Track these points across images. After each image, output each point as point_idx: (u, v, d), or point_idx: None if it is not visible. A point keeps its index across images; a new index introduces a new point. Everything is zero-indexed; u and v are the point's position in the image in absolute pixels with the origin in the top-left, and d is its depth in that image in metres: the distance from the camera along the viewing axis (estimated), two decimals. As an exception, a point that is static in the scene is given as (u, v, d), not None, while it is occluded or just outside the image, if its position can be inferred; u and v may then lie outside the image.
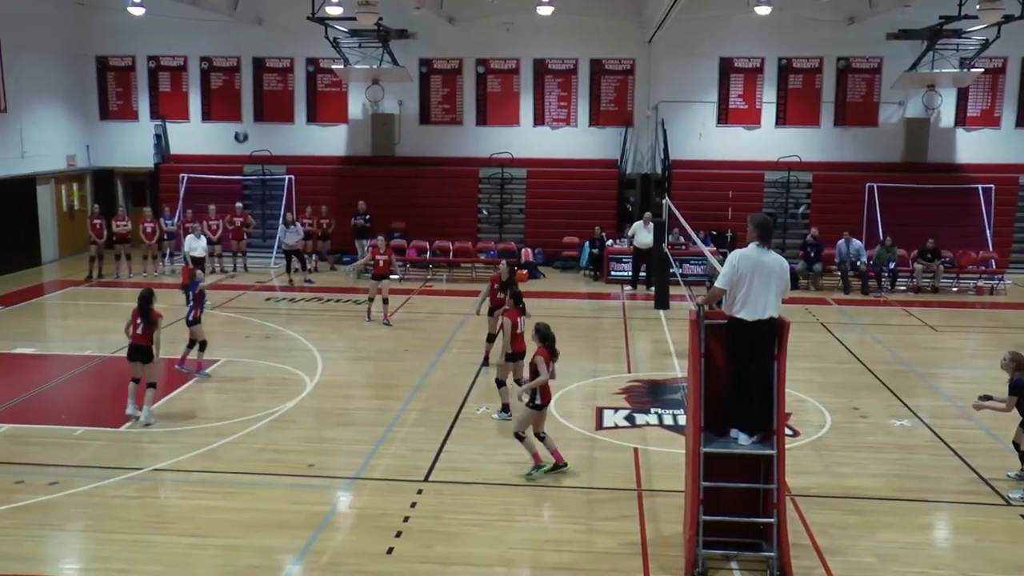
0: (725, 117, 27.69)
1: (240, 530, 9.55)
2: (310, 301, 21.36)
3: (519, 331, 12.51)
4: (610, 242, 24.86)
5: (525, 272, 24.34)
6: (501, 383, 13.03)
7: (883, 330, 18.97)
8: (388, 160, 28.13)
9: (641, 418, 13.29)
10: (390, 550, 9.14)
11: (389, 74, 26.36)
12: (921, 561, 9.04)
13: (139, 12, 25.25)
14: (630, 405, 13.85)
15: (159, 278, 23.76)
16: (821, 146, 27.40)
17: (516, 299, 12.73)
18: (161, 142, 28.35)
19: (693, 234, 19.89)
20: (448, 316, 19.81)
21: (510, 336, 12.42)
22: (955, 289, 23.53)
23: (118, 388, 14.25)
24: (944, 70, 25.13)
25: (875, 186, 25.88)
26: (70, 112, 28.14)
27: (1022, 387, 10.45)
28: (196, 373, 15.04)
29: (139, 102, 29.03)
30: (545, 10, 24.89)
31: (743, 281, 8.52)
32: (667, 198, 22.37)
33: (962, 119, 27.15)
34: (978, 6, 20.54)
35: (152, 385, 12.93)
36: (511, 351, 12.55)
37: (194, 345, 15.07)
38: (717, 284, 8.74)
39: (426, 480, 10.92)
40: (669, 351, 17.12)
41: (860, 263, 23.16)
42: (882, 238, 23.87)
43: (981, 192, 25.75)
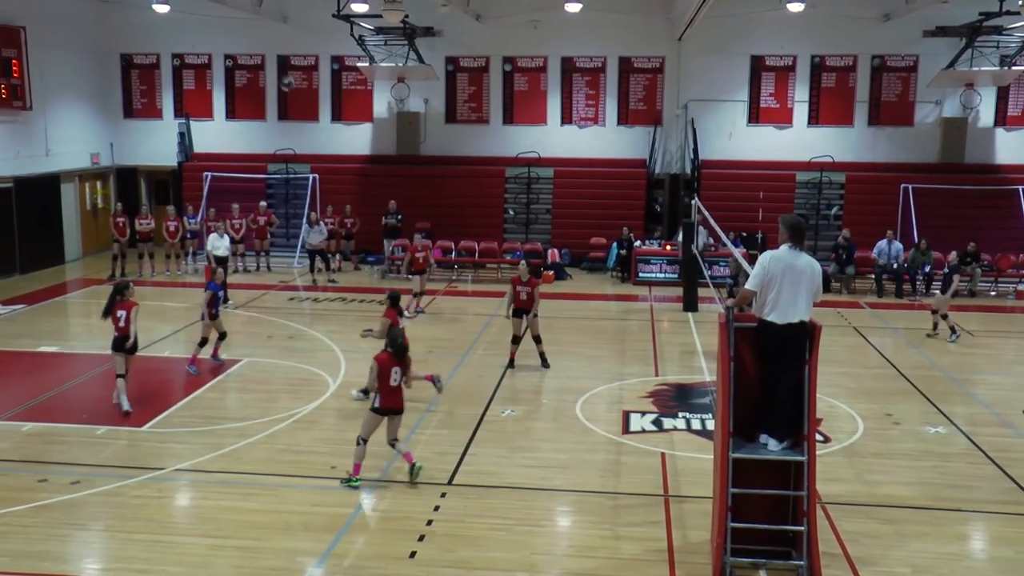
0: (756, 116, 27.39)
1: (261, 532, 9.49)
2: (334, 301, 21.31)
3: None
4: (638, 243, 24.63)
5: (551, 273, 24.20)
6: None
7: (917, 335, 18.63)
8: (413, 159, 28.06)
9: (669, 422, 13.11)
10: (412, 554, 9.05)
11: (415, 72, 26.30)
12: (956, 573, 8.83)
13: (164, 10, 25.33)
14: (657, 409, 13.67)
15: (182, 277, 23.83)
16: (855, 146, 27.04)
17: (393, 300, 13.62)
18: (185, 140, 28.44)
19: (723, 235, 19.64)
20: (473, 317, 19.69)
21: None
22: (993, 293, 23.10)
23: (141, 388, 14.28)
24: (983, 68, 24.71)
25: (910, 187, 25.48)
26: (94, 110, 28.26)
27: None
28: (212, 359, 15.51)
29: (163, 100, 29.12)
30: (573, 7, 24.71)
31: (773, 283, 8.37)
32: (696, 199, 22.14)
33: (1002, 119, 26.69)
34: (1020, 2, 20.13)
35: (121, 376, 13.12)
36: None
37: (205, 344, 15.28)
38: (747, 286, 8.57)
39: (450, 483, 10.80)
40: (697, 354, 16.91)
41: (896, 265, 22.79)
42: (917, 241, 23.47)
43: (1021, 194, 25.27)
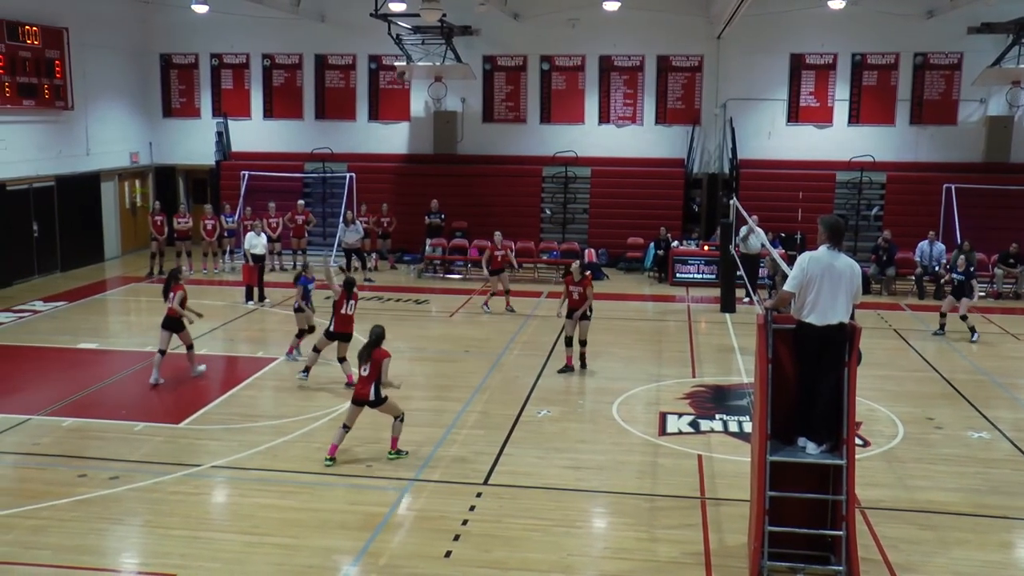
0: (795, 115, 27.12)
1: (297, 529, 9.52)
2: (370, 300, 21.35)
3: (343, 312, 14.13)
4: (675, 243, 24.47)
5: (589, 273, 24.05)
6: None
7: (960, 338, 18.32)
8: (450, 158, 28.07)
9: (706, 424, 13.00)
10: (448, 553, 9.04)
11: (452, 71, 26.30)
12: (1001, 580, 8.67)
13: (203, 10, 25.52)
14: (694, 411, 13.56)
15: (219, 275, 24.00)
16: (896, 145, 26.68)
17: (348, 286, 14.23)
18: (223, 139, 28.65)
19: (763, 236, 19.45)
20: (509, 317, 19.63)
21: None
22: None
23: (178, 384, 14.45)
24: (1031, 65, 24.26)
25: (953, 187, 25.07)
26: (134, 109, 28.54)
27: None
28: (286, 356, 15.90)
29: (201, 99, 29.36)
30: (612, 5, 24.60)
31: (812, 285, 8.28)
32: (735, 199, 21.95)
33: (1050, 117, 26.21)
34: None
35: (190, 347, 14.84)
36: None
37: (303, 335, 15.82)
38: (786, 287, 8.48)
39: (485, 483, 10.78)
40: (735, 355, 16.77)
41: (938, 267, 22.46)
42: (960, 242, 23.09)
43: (1067, 194, 24.80)
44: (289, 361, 15.72)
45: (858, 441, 11.62)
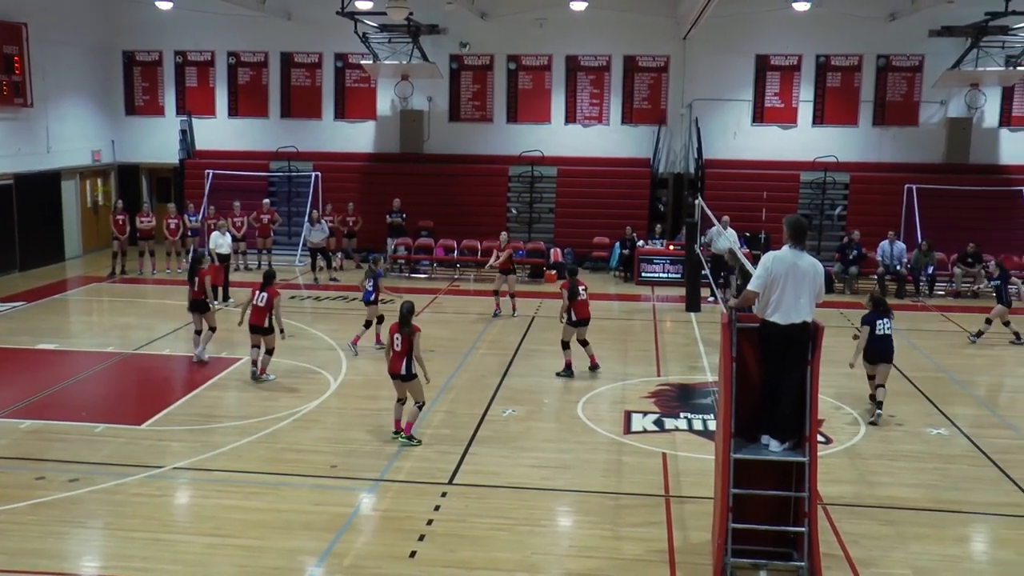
0: (760, 116, 27.33)
1: (261, 531, 9.45)
2: (335, 300, 21.26)
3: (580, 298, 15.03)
4: (641, 243, 24.57)
5: (553, 272, 24.16)
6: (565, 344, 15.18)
7: (920, 336, 18.57)
8: (416, 157, 28.00)
9: (670, 423, 13.06)
10: (413, 553, 9.01)
11: (419, 70, 26.25)
12: (958, 575, 8.77)
13: (167, 6, 25.31)
14: (659, 409, 13.62)
15: (183, 275, 23.71)
16: (859, 146, 26.97)
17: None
18: (187, 138, 28.40)
19: (734, 236, 19.59)
20: (475, 316, 19.63)
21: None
22: (994, 294, 22.95)
23: (140, 385, 14.30)
24: (989, 68, 24.63)
25: (914, 188, 25.39)
26: (96, 107, 28.19)
27: None
28: (351, 345, 16.43)
29: (165, 97, 29.08)
30: (579, 5, 24.66)
31: (776, 284, 8.33)
32: (700, 198, 22.06)
33: (1007, 119, 26.59)
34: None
35: (212, 329, 15.61)
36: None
37: (370, 325, 16.44)
38: (750, 287, 8.52)
39: (450, 483, 10.76)
40: (700, 354, 16.86)
41: (899, 267, 22.73)
42: (920, 241, 23.39)
43: (1025, 194, 25.21)
44: (350, 352, 16.25)
45: (820, 438, 11.74)
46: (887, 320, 13.18)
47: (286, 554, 8.99)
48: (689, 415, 13.36)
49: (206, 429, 12.47)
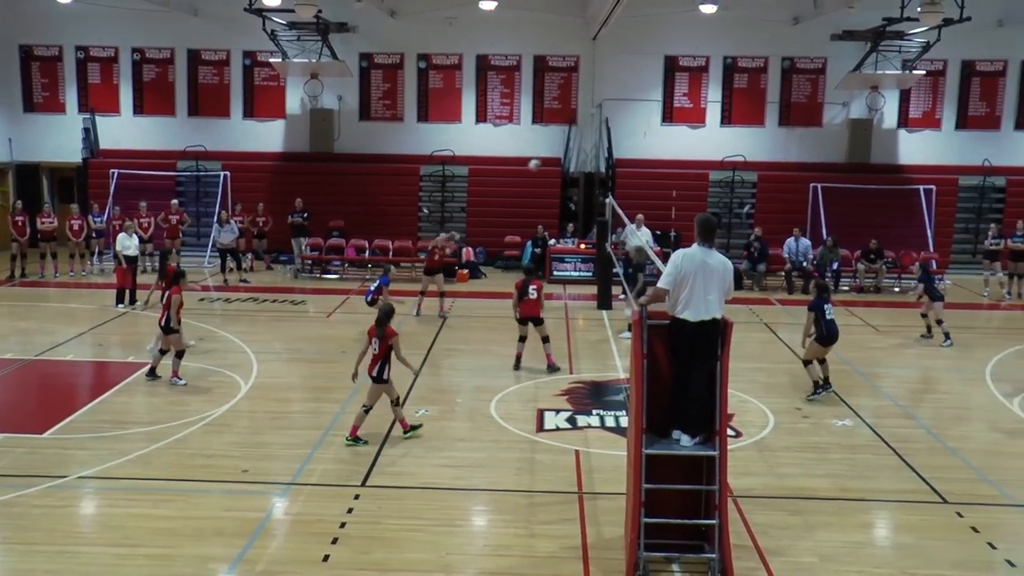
0: (670, 116, 27.76)
1: (171, 539, 9.22)
2: (245, 301, 20.92)
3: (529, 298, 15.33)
4: (552, 241, 24.72)
5: (465, 272, 24.15)
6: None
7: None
8: (327, 157, 27.75)
9: (583, 420, 13.14)
10: (326, 557, 8.90)
11: (328, 68, 26.03)
12: (861, 560, 9.01)
13: (67, 0, 24.54)
14: (572, 407, 13.70)
15: (87, 277, 23.16)
16: (766, 146, 27.59)
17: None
18: (90, 136, 27.68)
19: (648, 235, 19.82)
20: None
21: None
22: (897, 289, 23.79)
23: (42, 392, 13.85)
24: (887, 71, 25.48)
25: (819, 186, 26.10)
26: (-9, 104, 27.28)
27: None
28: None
29: (67, 94, 28.31)
30: (488, 5, 24.71)
31: (686, 281, 8.43)
32: (611, 197, 22.29)
33: (904, 120, 27.56)
34: (919, 9, 20.80)
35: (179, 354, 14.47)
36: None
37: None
38: (660, 284, 8.62)
39: (363, 485, 10.66)
40: (612, 352, 17.02)
41: (805, 263, 23.30)
42: (825, 238, 24.04)
43: (923, 193, 26.10)
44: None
45: (731, 432, 11.95)
46: (830, 305, 14.43)
47: (197, 562, 8.80)
48: (601, 412, 13.46)
49: (113, 436, 12.12)
